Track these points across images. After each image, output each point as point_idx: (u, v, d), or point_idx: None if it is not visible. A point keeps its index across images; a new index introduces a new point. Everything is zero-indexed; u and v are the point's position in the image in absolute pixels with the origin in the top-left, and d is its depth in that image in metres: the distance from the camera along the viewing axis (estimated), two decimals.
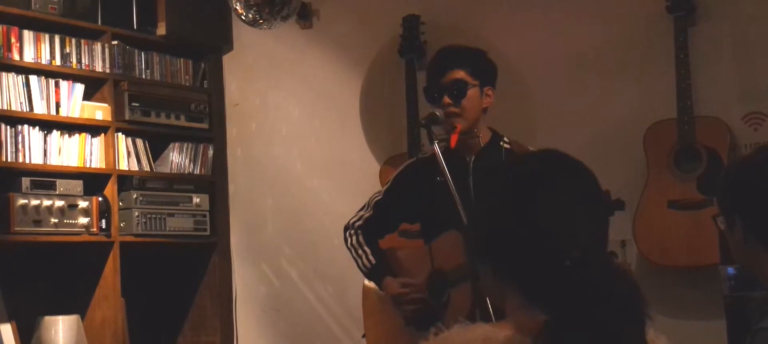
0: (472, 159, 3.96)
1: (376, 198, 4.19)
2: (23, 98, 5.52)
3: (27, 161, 5.50)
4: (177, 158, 6.25)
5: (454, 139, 3.86)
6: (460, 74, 3.92)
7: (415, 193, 4.04)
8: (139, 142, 6.07)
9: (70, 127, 5.72)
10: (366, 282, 4.28)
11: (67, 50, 5.76)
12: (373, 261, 4.10)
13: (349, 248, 4.20)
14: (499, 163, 3.93)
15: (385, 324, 4.19)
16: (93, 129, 5.83)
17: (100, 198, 5.75)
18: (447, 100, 3.89)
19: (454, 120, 3.88)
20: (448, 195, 3.76)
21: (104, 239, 5.75)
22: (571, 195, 1.86)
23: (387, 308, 4.12)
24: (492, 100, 4.00)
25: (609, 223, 1.92)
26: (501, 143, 4.01)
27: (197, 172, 6.35)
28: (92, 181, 5.77)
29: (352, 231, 4.19)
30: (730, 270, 4.03)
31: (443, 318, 3.85)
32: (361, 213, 4.21)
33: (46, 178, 5.52)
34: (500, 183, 1.94)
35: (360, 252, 4.13)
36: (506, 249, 1.85)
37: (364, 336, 4.34)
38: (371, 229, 4.18)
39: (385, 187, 4.22)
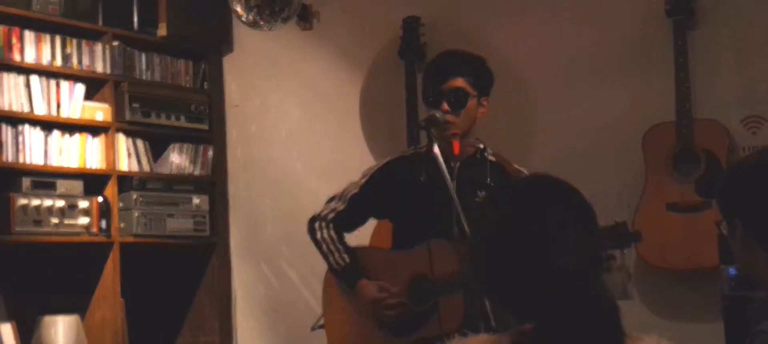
0: (458, 165, 3.93)
1: (352, 192, 4.09)
2: (24, 98, 5.53)
3: (27, 161, 5.51)
4: (177, 159, 6.26)
5: (456, 145, 3.84)
6: (461, 83, 3.88)
7: (393, 191, 3.99)
8: (140, 142, 6.08)
9: (70, 128, 5.73)
10: (326, 276, 4.20)
11: (68, 51, 5.77)
12: (347, 261, 4.02)
13: (317, 241, 4.09)
14: (483, 173, 3.92)
15: (351, 322, 4.07)
16: (93, 129, 5.84)
17: (100, 199, 5.76)
18: (446, 107, 3.86)
19: (451, 128, 3.86)
20: (431, 197, 3.76)
21: (104, 239, 5.76)
22: (555, 223, 1.93)
23: (352, 305, 4.03)
24: (486, 110, 3.96)
25: (598, 246, 1.98)
26: (486, 154, 3.98)
27: (197, 172, 6.35)
28: (92, 182, 5.78)
29: (324, 224, 4.09)
30: (732, 270, 4.04)
31: (427, 326, 3.82)
32: (334, 205, 4.12)
33: (46, 179, 5.53)
34: (490, 209, 2.02)
35: (332, 248, 4.04)
36: (494, 274, 1.94)
37: (321, 326, 4.22)
38: (343, 224, 4.10)
39: (362, 181, 4.11)
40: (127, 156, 5.97)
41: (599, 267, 1.97)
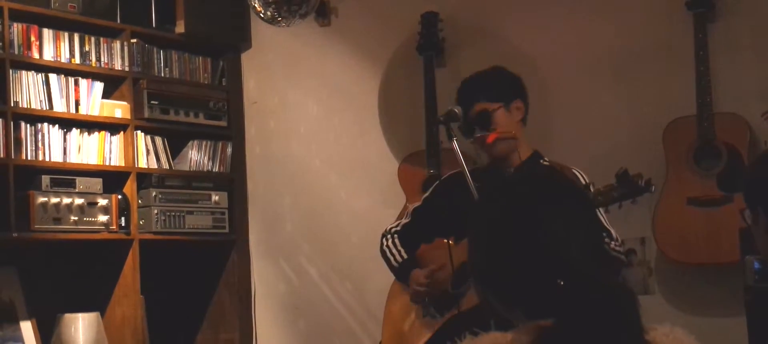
0: (512, 172, 4.01)
1: (416, 205, 4.30)
2: (43, 96, 5.54)
3: (47, 159, 5.52)
4: (196, 156, 6.26)
5: (492, 136, 3.94)
6: (481, 106, 4.02)
7: (452, 203, 4.07)
8: (158, 139, 6.09)
9: (89, 125, 5.74)
10: (390, 290, 4.32)
11: (87, 48, 5.78)
12: (405, 257, 4.18)
13: (383, 251, 4.28)
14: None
15: (401, 319, 4.25)
16: (112, 127, 5.85)
17: (120, 196, 5.76)
18: (478, 131, 4.01)
19: (495, 147, 4.04)
20: None
21: (124, 237, 5.77)
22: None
23: (406, 305, 4.16)
24: (523, 111, 4.11)
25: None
26: (541, 161, 4.07)
27: (216, 169, 6.36)
28: (112, 179, 5.79)
29: (389, 237, 4.28)
30: (756, 263, 4.02)
31: (461, 305, 3.91)
32: (400, 220, 4.32)
33: (65, 176, 5.54)
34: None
35: (394, 251, 4.21)
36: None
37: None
38: (407, 235, 4.26)
39: (425, 195, 4.31)
40: (145, 153, 5.98)
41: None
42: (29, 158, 5.43)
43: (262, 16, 5.61)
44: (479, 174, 3.92)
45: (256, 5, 5.55)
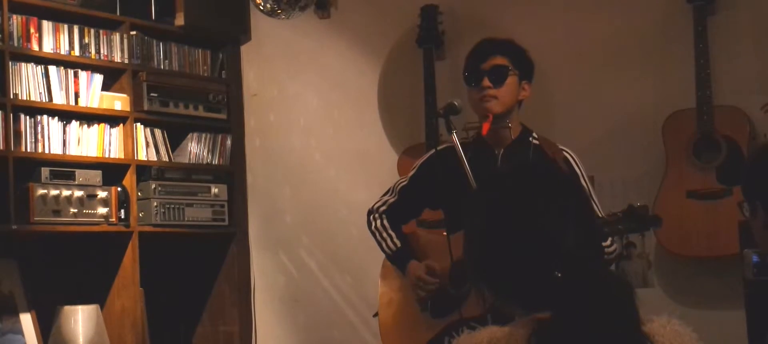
0: (501, 152, 3.99)
1: (402, 184, 4.24)
2: (42, 88, 5.53)
3: (46, 151, 5.51)
4: (195, 148, 6.26)
5: (485, 126, 3.91)
6: (502, 60, 3.97)
7: (439, 181, 4.06)
8: (158, 132, 6.08)
9: (89, 118, 5.74)
10: (384, 263, 4.30)
11: (86, 41, 5.78)
12: (398, 244, 4.15)
13: (372, 232, 4.23)
14: (526, 158, 3.96)
15: (399, 305, 4.22)
16: (112, 119, 5.84)
17: (119, 189, 5.76)
18: (486, 82, 3.94)
19: (490, 103, 3.93)
20: (470, 184, 3.79)
21: (123, 229, 5.77)
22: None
23: (403, 289, 4.16)
24: (528, 94, 4.06)
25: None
26: (530, 138, 4.04)
27: (216, 162, 6.36)
28: (111, 171, 5.79)
29: (376, 215, 4.23)
30: (755, 257, 4.02)
31: (463, 308, 3.88)
32: (386, 198, 4.25)
33: (65, 168, 5.54)
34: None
35: (384, 235, 4.17)
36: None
37: (376, 314, 4.35)
38: (395, 214, 4.22)
39: (410, 173, 4.25)
40: (145, 145, 5.98)
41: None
42: (29, 150, 5.43)
43: (261, 8, 5.60)
44: (469, 150, 3.89)
45: None
